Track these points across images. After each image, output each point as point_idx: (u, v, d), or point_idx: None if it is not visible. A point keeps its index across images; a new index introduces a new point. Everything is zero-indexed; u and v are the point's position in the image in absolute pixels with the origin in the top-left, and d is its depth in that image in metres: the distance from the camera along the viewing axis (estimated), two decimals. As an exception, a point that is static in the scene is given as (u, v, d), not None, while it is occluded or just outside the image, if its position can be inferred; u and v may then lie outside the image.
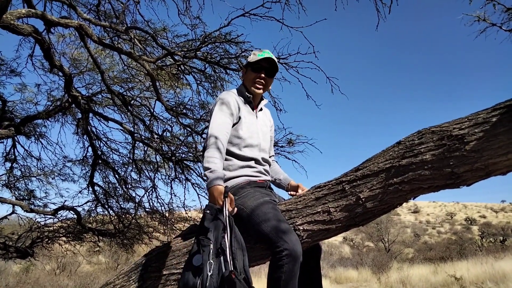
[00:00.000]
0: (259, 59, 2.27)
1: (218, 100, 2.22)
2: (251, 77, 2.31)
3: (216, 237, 1.67)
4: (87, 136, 5.71)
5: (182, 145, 5.50)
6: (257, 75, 2.30)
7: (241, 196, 2.05)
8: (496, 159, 1.59)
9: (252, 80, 2.30)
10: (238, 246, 1.68)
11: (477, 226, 47.09)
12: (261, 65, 2.29)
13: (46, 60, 4.09)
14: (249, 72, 2.32)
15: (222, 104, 2.18)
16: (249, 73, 2.32)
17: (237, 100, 2.25)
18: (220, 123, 2.11)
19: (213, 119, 2.12)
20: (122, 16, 4.58)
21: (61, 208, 5.90)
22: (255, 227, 1.92)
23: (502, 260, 11.37)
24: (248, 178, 2.16)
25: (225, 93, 2.29)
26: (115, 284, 2.22)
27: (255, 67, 2.29)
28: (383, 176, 1.85)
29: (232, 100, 2.21)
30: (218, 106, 2.17)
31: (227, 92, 2.29)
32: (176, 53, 4.51)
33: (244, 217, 1.98)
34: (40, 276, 12.69)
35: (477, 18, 4.29)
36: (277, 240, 1.82)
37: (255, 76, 2.30)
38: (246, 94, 2.31)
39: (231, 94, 2.27)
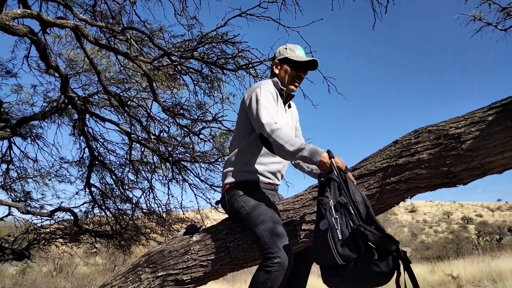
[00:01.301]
0: (305, 60, 2.21)
1: (261, 87, 2.12)
2: (291, 74, 2.23)
3: (333, 194, 1.67)
4: (83, 137, 5.69)
5: (179, 146, 5.49)
6: (297, 74, 2.24)
7: (245, 194, 2.03)
8: (492, 157, 1.60)
9: (291, 77, 2.24)
10: (359, 199, 1.64)
11: (474, 225, 47.28)
12: (303, 64, 2.23)
13: (42, 61, 4.07)
14: (288, 68, 2.23)
15: (266, 92, 2.10)
16: (288, 69, 2.23)
17: (276, 92, 2.20)
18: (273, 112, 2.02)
19: (262, 106, 2.01)
20: (118, 17, 4.57)
21: (58, 209, 5.88)
22: (252, 228, 1.91)
23: (498, 259, 11.42)
24: (259, 177, 2.12)
25: (265, 82, 2.20)
26: (112, 285, 2.21)
27: (296, 65, 2.23)
28: (380, 175, 1.85)
29: (273, 91, 2.15)
30: (264, 94, 2.08)
31: (267, 82, 2.21)
32: (172, 53, 4.50)
33: (244, 216, 1.97)
34: (37, 278, 12.63)
35: (473, 18, 4.31)
36: (271, 246, 1.83)
37: (295, 74, 2.24)
38: (280, 87, 2.23)
39: (271, 85, 2.20)
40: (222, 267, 2.09)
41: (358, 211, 1.60)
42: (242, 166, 2.11)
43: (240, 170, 2.10)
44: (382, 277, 1.53)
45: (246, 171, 2.10)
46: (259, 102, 2.02)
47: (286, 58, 2.24)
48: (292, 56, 2.23)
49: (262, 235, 1.87)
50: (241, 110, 2.19)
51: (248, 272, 12.59)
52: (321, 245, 1.61)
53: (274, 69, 2.29)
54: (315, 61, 2.24)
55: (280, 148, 1.85)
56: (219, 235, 2.14)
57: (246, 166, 2.11)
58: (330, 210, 1.62)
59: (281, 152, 1.87)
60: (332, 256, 1.56)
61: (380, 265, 1.51)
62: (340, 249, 1.54)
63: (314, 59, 2.23)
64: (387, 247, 1.50)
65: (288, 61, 2.24)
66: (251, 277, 1.92)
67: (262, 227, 1.88)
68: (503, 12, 4.09)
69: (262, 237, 1.87)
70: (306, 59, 2.21)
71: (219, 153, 5.30)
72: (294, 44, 2.30)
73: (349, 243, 1.54)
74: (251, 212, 1.94)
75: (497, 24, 4.23)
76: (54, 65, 4.05)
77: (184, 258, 2.12)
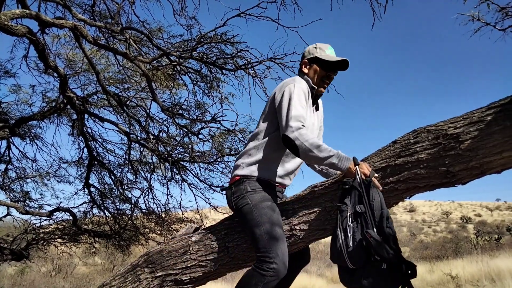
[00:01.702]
0: (337, 60, 2.12)
1: (295, 84, 2.04)
2: (320, 74, 2.16)
3: (353, 202, 1.73)
4: (82, 137, 5.68)
5: (178, 146, 5.49)
6: (327, 74, 2.17)
7: (252, 191, 2.01)
8: (491, 157, 1.60)
9: (320, 77, 2.17)
10: (376, 207, 1.69)
11: (473, 224, 47.34)
12: (333, 64, 2.16)
13: (41, 61, 4.07)
14: (317, 68, 2.16)
15: (300, 90, 2.03)
16: (318, 69, 2.16)
17: (308, 91, 2.12)
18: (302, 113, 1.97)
19: (293, 106, 1.94)
20: (117, 17, 4.56)
21: (57, 209, 5.87)
22: (253, 227, 1.91)
23: (497, 258, 11.43)
24: (271, 176, 2.09)
25: (299, 79, 2.12)
26: (111, 286, 2.21)
27: (327, 65, 2.15)
28: (379, 175, 1.85)
29: (305, 90, 2.08)
30: (297, 92, 2.01)
31: (301, 80, 2.13)
32: (171, 53, 4.50)
33: (246, 213, 1.96)
34: (36, 278, 12.62)
35: (472, 18, 4.32)
36: (269, 250, 1.83)
37: (325, 74, 2.16)
38: (312, 85, 2.17)
39: (305, 83, 2.13)
40: (221, 267, 2.09)
41: (374, 219, 1.67)
42: (258, 161, 2.06)
43: (255, 165, 2.06)
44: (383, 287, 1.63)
45: (261, 168, 2.06)
46: (291, 102, 1.97)
47: (316, 57, 2.17)
48: (322, 55, 2.16)
49: (261, 237, 1.87)
50: (270, 104, 2.12)
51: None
52: (335, 248, 1.74)
53: (303, 68, 2.22)
54: (346, 61, 2.15)
55: (308, 152, 1.85)
56: (218, 235, 2.14)
57: (262, 162, 2.07)
58: (346, 217, 1.71)
59: (308, 156, 1.87)
60: (343, 260, 1.68)
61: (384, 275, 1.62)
62: (350, 255, 1.66)
63: (345, 59, 2.14)
64: (384, 254, 1.58)
65: (318, 60, 2.16)
66: (243, 275, 1.91)
67: (263, 228, 1.88)
68: (502, 12, 4.10)
69: (261, 239, 1.87)
70: (337, 59, 2.13)
71: (218, 153, 5.29)
72: (324, 44, 2.22)
73: (359, 250, 1.65)
74: (254, 211, 1.93)
75: (496, 24, 4.24)
76: (53, 65, 4.04)
77: (183, 258, 2.12)
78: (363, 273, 1.65)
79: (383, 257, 1.59)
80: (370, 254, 1.63)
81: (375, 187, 1.76)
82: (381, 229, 1.65)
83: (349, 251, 1.65)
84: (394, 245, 1.63)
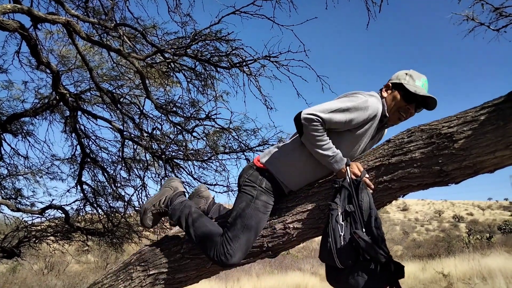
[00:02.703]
0: (422, 94, 1.91)
1: (368, 102, 1.86)
2: (398, 104, 1.96)
3: (343, 202, 1.74)
4: (75, 134, 5.63)
5: (172, 144, 5.46)
6: (406, 107, 1.96)
7: (265, 190, 2.00)
8: (484, 157, 1.61)
9: (397, 107, 1.97)
10: (365, 207, 1.70)
11: (465, 223, 47.81)
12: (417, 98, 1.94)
13: (33, 57, 4.02)
14: (398, 96, 1.96)
15: (363, 111, 1.85)
16: (398, 96, 1.96)
17: (377, 115, 1.93)
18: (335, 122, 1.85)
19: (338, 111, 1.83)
20: (111, 13, 4.52)
21: (49, 207, 5.82)
22: (239, 216, 1.95)
23: (488, 257, 11.56)
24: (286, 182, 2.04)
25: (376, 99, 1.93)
26: (103, 284, 2.19)
27: (409, 96, 1.94)
28: (373, 174, 1.86)
29: (374, 113, 1.89)
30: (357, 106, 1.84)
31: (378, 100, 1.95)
32: (166, 50, 4.47)
33: (243, 202, 1.98)
34: (28, 276, 12.52)
35: (466, 17, 4.34)
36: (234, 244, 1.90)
37: (404, 106, 1.96)
38: (385, 113, 1.99)
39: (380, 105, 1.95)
40: (215, 265, 2.08)
41: (363, 219, 1.68)
42: (287, 163, 2.02)
43: (283, 166, 2.03)
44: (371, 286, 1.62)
45: (285, 171, 2.03)
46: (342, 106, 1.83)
47: (401, 84, 1.96)
48: (409, 84, 1.95)
49: (238, 230, 1.93)
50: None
51: (241, 270, 12.60)
52: (324, 247, 1.72)
53: (383, 92, 2.03)
54: (433, 99, 1.93)
55: (313, 143, 1.85)
56: (211, 234, 2.12)
57: (288, 165, 2.02)
58: (337, 216, 1.70)
59: (312, 146, 1.87)
60: (333, 259, 1.66)
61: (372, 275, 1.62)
62: (339, 254, 1.65)
63: (432, 97, 1.92)
64: (372, 254, 1.59)
65: (402, 88, 1.96)
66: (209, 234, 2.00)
67: (245, 226, 1.93)
68: (496, 12, 4.12)
69: (237, 230, 1.93)
70: (423, 94, 1.91)
71: (212, 151, 5.28)
72: (420, 74, 2.00)
73: (348, 249, 1.64)
74: (250, 207, 1.96)
75: (490, 24, 4.26)
76: (45, 61, 3.99)
77: (176, 257, 2.11)
78: (350, 272, 1.65)
79: (372, 256, 1.60)
80: (358, 253, 1.63)
81: (365, 187, 1.76)
82: (369, 228, 1.65)
83: (338, 251, 1.65)
84: (382, 244, 1.63)
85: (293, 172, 2.02)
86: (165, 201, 2.19)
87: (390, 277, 1.62)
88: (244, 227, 1.93)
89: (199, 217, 2.07)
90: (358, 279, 1.62)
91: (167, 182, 2.31)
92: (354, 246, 1.63)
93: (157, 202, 2.20)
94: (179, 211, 2.11)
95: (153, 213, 2.19)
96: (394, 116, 2.00)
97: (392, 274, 1.61)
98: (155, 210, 2.19)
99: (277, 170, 2.03)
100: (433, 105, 1.97)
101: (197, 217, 2.06)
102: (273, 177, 2.03)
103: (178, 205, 2.15)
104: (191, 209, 2.11)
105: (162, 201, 2.20)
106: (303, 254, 21.33)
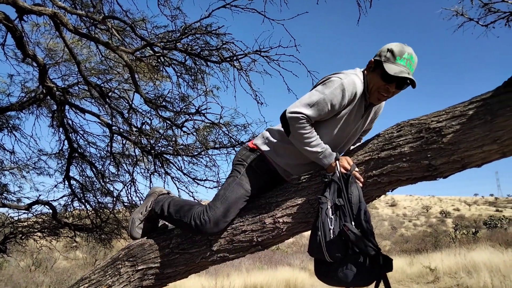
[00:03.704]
0: (396, 75, 1.79)
1: (343, 83, 1.82)
2: (378, 84, 1.88)
3: (332, 195, 1.73)
4: (63, 129, 5.55)
5: (162, 138, 5.41)
6: (385, 86, 1.87)
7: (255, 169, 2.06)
8: (472, 151, 1.62)
9: (377, 87, 1.89)
10: (355, 200, 1.70)
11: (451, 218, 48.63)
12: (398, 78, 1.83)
13: (19, 50, 3.93)
14: (377, 75, 1.87)
15: (340, 92, 1.82)
16: (376, 76, 1.87)
17: (356, 94, 1.88)
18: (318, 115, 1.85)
19: (317, 102, 1.81)
20: (99, 5, 4.45)
21: (35, 202, 5.74)
22: (223, 188, 2.04)
23: (474, 251, 11.76)
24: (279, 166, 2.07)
25: (355, 78, 1.87)
26: (90, 279, 2.16)
27: (388, 77, 1.82)
28: (362, 169, 1.86)
29: (354, 91, 1.85)
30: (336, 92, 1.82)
31: (357, 78, 1.89)
32: (155, 44, 4.41)
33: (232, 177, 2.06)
34: (14, 273, 12.34)
35: (456, 13, 4.38)
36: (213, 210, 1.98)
37: (382, 85, 1.87)
38: (365, 92, 1.93)
39: (360, 82, 1.90)
40: (204, 260, 2.07)
41: (352, 213, 1.68)
42: (279, 146, 2.04)
43: (275, 148, 2.05)
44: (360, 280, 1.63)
45: (278, 154, 2.06)
46: (321, 96, 1.82)
47: (380, 62, 1.85)
48: (387, 62, 1.83)
49: (216, 206, 1.99)
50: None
51: (231, 266, 12.62)
52: (314, 241, 1.71)
53: (367, 69, 1.95)
54: (411, 80, 1.83)
55: (301, 140, 1.86)
56: (201, 228, 2.11)
57: (281, 149, 2.04)
58: (326, 210, 1.70)
59: (301, 144, 1.87)
60: (322, 253, 1.65)
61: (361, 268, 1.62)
62: (328, 248, 1.64)
63: (406, 78, 1.81)
64: (362, 247, 1.60)
65: (381, 66, 1.85)
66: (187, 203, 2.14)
67: (225, 203, 1.99)
68: (485, 8, 4.17)
69: (215, 207, 1.99)
70: (397, 74, 1.79)
71: (202, 146, 5.25)
72: (403, 48, 1.84)
73: (337, 243, 1.64)
74: (235, 182, 2.03)
75: (479, 19, 4.31)
76: (31, 54, 3.91)
77: (165, 252, 2.10)
78: (339, 266, 1.65)
79: (361, 249, 1.61)
80: (348, 247, 1.64)
81: (354, 181, 1.76)
82: (358, 222, 1.66)
83: (327, 244, 1.64)
84: (372, 237, 1.64)
85: (288, 154, 2.05)
86: (151, 204, 2.25)
87: (379, 270, 1.63)
88: (224, 197, 2.00)
89: (179, 198, 2.23)
90: (347, 273, 1.63)
91: (151, 190, 2.39)
92: (343, 240, 1.63)
93: (144, 209, 2.25)
94: (161, 201, 2.20)
95: (141, 220, 2.23)
96: (373, 96, 1.93)
97: (380, 268, 1.62)
98: (143, 217, 2.23)
99: (270, 152, 2.07)
100: (413, 84, 1.86)
101: (177, 198, 2.22)
102: (264, 157, 2.08)
103: (162, 198, 2.25)
104: (174, 197, 2.23)
105: (149, 205, 2.25)
106: (293, 249, 21.46)
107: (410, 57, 1.84)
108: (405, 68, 1.81)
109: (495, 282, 7.54)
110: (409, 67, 1.83)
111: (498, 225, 28.68)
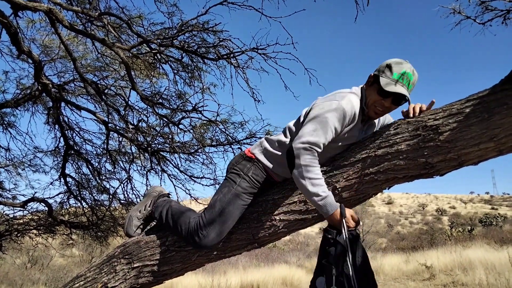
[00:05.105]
0: (390, 90, 1.80)
1: (342, 103, 1.81)
2: (374, 98, 1.88)
3: (337, 261, 1.67)
4: (58, 126, 5.51)
5: (158, 136, 5.39)
6: (381, 101, 1.87)
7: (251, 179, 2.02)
8: (468, 149, 1.62)
9: (373, 101, 1.89)
10: (361, 269, 1.65)
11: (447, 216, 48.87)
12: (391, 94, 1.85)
13: (14, 46, 3.89)
14: (375, 89, 1.89)
15: (341, 113, 1.81)
16: (374, 91, 1.89)
17: (356, 114, 1.88)
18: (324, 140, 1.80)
19: (320, 129, 1.79)
20: (95, 2, 4.41)
21: (31, 200, 5.70)
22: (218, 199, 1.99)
23: (469, 249, 11.83)
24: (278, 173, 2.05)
25: (352, 97, 1.87)
26: (86, 277, 2.15)
27: (382, 91, 1.84)
28: (359, 166, 1.86)
29: (352, 110, 1.85)
30: (337, 115, 1.80)
31: (353, 97, 1.88)
32: (152, 41, 4.38)
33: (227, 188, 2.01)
34: (10, 270, 12.30)
35: (453, 11, 4.38)
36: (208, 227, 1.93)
37: (378, 100, 1.87)
38: (364, 107, 1.93)
39: (357, 100, 1.90)
40: (200, 257, 2.07)
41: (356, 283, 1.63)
42: (278, 156, 2.03)
43: (274, 158, 2.04)
44: None
45: (277, 164, 2.04)
46: (323, 122, 1.79)
47: (378, 77, 1.88)
48: (383, 78, 1.85)
49: (214, 220, 1.95)
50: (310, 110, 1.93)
51: (228, 263, 12.62)
52: None
53: (366, 83, 1.97)
54: (403, 96, 1.83)
55: (299, 177, 1.76)
56: (197, 226, 2.10)
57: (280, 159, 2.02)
58: (332, 278, 1.65)
59: (298, 181, 1.78)
60: None
61: None
62: None
63: (401, 94, 1.81)
64: None
65: (377, 81, 1.87)
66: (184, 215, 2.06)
67: (223, 216, 1.95)
68: (482, 6, 4.17)
69: (212, 221, 1.95)
70: (391, 90, 1.81)
71: (199, 144, 5.23)
72: (402, 64, 1.86)
73: None
74: (230, 193, 1.99)
75: (476, 17, 4.31)
76: (26, 51, 3.88)
77: (161, 249, 2.09)
78: None
79: None
80: None
81: (361, 243, 1.74)
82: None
83: None
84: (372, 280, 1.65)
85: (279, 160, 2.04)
86: (151, 204, 2.24)
87: None
88: (221, 211, 1.96)
89: (177, 205, 2.16)
90: None
91: (151, 189, 2.37)
92: None
93: (142, 208, 2.24)
94: (161, 207, 2.17)
95: (139, 219, 2.22)
96: (370, 110, 1.92)
97: None
98: (141, 215, 2.22)
99: (268, 162, 2.05)
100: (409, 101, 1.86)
101: (175, 204, 2.15)
102: (262, 166, 2.05)
103: (161, 202, 2.22)
104: (172, 203, 2.18)
105: (148, 204, 2.24)
106: (289, 247, 21.50)
107: (408, 73, 1.84)
108: (401, 84, 1.82)
109: (490, 280, 7.59)
110: (406, 84, 1.83)
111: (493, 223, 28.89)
